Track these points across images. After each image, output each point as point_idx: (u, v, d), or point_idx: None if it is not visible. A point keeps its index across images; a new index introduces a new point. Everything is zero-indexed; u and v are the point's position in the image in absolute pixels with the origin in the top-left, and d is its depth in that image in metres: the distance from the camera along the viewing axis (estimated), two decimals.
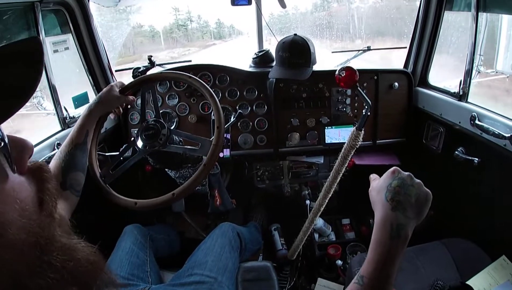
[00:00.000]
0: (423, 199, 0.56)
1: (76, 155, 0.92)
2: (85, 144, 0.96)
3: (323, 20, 2.55)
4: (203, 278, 1.00)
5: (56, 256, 0.35)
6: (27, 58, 0.35)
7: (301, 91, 1.61)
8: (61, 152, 0.91)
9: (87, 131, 0.98)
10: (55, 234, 0.37)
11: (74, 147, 0.93)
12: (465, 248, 1.18)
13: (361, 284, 0.54)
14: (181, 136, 1.07)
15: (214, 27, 3.49)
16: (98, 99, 1.03)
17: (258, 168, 1.81)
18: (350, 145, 1.16)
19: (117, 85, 1.09)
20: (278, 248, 1.74)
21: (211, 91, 1.04)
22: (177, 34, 3.33)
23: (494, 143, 1.16)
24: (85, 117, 0.99)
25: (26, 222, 0.34)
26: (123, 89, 1.10)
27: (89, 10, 1.47)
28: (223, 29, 3.50)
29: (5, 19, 1.17)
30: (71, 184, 0.88)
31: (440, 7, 1.48)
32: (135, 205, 0.96)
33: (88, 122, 0.99)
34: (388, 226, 0.54)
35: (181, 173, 1.35)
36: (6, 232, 0.32)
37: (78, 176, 0.91)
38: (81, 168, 0.93)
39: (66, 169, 0.88)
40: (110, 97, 1.06)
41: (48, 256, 0.35)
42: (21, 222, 0.33)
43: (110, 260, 1.09)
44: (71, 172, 0.89)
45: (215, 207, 1.45)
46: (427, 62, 1.61)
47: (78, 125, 0.97)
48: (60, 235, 0.37)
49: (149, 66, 1.58)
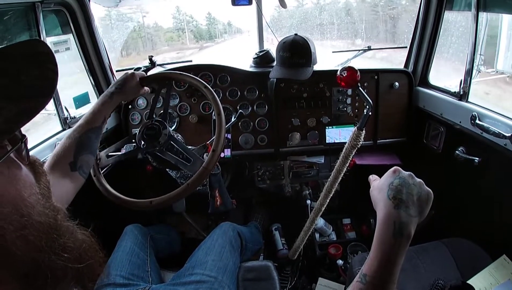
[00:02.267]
0: (425, 198, 0.57)
1: (91, 138, 0.91)
2: (100, 129, 0.95)
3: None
4: (203, 278, 1.01)
5: (68, 238, 0.39)
6: (41, 59, 0.38)
7: (302, 91, 1.61)
8: (75, 132, 0.90)
9: (104, 117, 0.96)
10: (58, 218, 0.40)
11: (90, 130, 0.91)
12: (465, 247, 1.18)
13: (364, 282, 0.54)
14: (178, 145, 1.07)
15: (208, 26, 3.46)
16: (120, 87, 1.02)
17: (259, 168, 1.81)
18: (351, 145, 1.16)
19: (138, 75, 1.08)
20: (279, 248, 1.74)
21: (220, 108, 1.02)
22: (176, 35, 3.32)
23: (494, 142, 1.16)
24: (105, 103, 0.97)
25: (43, 205, 0.38)
26: (143, 79, 1.09)
27: (90, 10, 1.47)
28: (214, 26, 3.46)
29: (6, 20, 1.17)
30: (81, 166, 0.87)
31: (441, 7, 1.48)
32: (116, 200, 0.98)
33: (107, 107, 0.97)
34: (391, 224, 0.54)
35: (182, 173, 1.35)
36: (31, 214, 0.35)
37: (89, 159, 0.90)
38: (93, 151, 0.92)
39: (79, 150, 0.87)
40: (131, 86, 1.05)
41: (62, 238, 0.39)
42: (39, 206, 0.37)
43: (111, 260, 1.09)
44: (84, 153, 0.88)
45: (216, 207, 1.45)
46: (428, 62, 1.61)
47: (95, 109, 0.95)
48: (61, 219, 0.41)
49: (150, 66, 1.59)
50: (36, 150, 1.17)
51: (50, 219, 0.38)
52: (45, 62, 0.38)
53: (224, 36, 3.52)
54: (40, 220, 0.36)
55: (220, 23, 3.46)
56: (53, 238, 0.37)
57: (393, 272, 0.53)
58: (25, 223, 0.34)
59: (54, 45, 1.39)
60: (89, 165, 0.91)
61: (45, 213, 0.37)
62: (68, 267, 0.38)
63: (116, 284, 0.99)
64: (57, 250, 0.37)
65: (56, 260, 0.37)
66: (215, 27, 3.41)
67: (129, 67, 1.67)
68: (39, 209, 0.37)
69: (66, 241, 0.39)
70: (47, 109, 1.67)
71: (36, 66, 0.37)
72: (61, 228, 0.40)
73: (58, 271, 0.37)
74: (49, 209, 0.39)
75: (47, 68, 0.38)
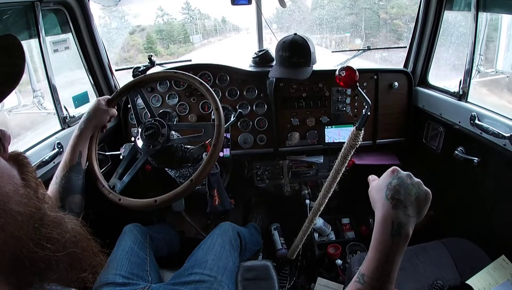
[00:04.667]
0: (423, 198, 0.57)
1: (72, 178, 0.94)
2: (79, 165, 0.98)
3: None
4: (203, 277, 1.01)
5: (52, 228, 0.40)
6: (10, 49, 0.41)
7: (301, 90, 1.61)
8: (57, 177, 0.93)
9: (80, 152, 0.99)
10: (44, 207, 0.41)
11: (69, 170, 0.94)
12: (464, 247, 1.18)
13: (362, 282, 0.54)
14: (181, 127, 1.08)
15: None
16: (88, 116, 1.04)
17: (258, 168, 1.81)
18: (350, 144, 1.16)
19: (104, 99, 1.11)
20: (278, 248, 1.74)
21: (197, 78, 1.06)
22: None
23: (493, 142, 1.16)
24: (77, 138, 1.00)
25: (21, 195, 0.38)
26: (109, 101, 1.12)
27: (89, 10, 1.47)
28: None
29: (5, 19, 1.17)
30: (70, 208, 0.90)
31: (440, 7, 1.48)
32: (118, 201, 0.98)
33: (80, 142, 1.00)
34: (389, 224, 0.54)
35: (181, 172, 1.35)
36: (8, 203, 0.36)
37: (76, 199, 0.93)
38: (78, 190, 0.95)
39: (64, 194, 0.91)
40: (99, 112, 1.07)
41: (45, 229, 0.39)
42: (17, 196, 0.38)
43: (110, 259, 1.09)
44: (69, 196, 0.91)
45: (214, 207, 1.45)
46: (427, 62, 1.61)
47: (71, 147, 0.99)
48: (48, 209, 0.42)
49: (149, 65, 1.59)
50: (35, 149, 1.16)
51: (31, 209, 0.38)
52: (14, 51, 0.41)
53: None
54: (18, 209, 0.37)
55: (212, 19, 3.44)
56: (34, 228, 0.38)
57: (391, 272, 0.53)
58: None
59: (53, 44, 1.38)
60: (77, 204, 0.93)
61: (23, 202, 0.38)
62: (52, 259, 0.38)
63: (116, 283, 0.99)
64: (40, 240, 0.38)
65: (38, 252, 0.37)
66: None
67: (129, 67, 1.67)
68: (17, 198, 0.37)
69: (50, 231, 0.39)
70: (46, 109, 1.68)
71: (6, 55, 0.40)
72: (46, 218, 0.40)
73: (40, 262, 0.37)
74: (31, 199, 0.39)
75: (16, 56, 0.41)
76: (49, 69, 1.29)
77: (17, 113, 1.74)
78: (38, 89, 1.69)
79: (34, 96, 1.70)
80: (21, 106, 1.73)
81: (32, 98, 1.70)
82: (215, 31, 3.53)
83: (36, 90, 1.68)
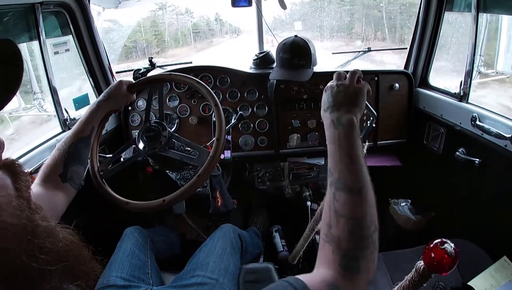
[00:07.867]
0: (353, 92, 0.63)
1: (80, 148, 0.92)
2: (89, 138, 0.96)
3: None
4: (204, 280, 1.00)
5: (45, 238, 0.39)
6: (8, 58, 0.40)
7: (302, 92, 1.61)
8: (65, 143, 0.91)
9: (93, 127, 0.98)
10: (36, 218, 0.40)
11: (78, 140, 0.93)
12: (466, 249, 1.17)
13: (330, 175, 0.56)
14: (180, 142, 1.07)
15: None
16: (107, 96, 1.03)
17: (259, 170, 1.80)
18: None
19: (126, 83, 1.09)
20: (279, 250, 1.73)
21: (216, 99, 1.02)
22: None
23: (495, 143, 1.16)
24: (93, 112, 0.99)
25: (14, 207, 0.38)
26: (130, 86, 1.10)
27: (89, 12, 1.47)
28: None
29: (5, 21, 1.17)
30: (72, 177, 0.88)
31: (441, 8, 1.48)
32: (126, 205, 0.96)
33: (94, 117, 0.99)
34: (331, 124, 0.60)
35: (182, 174, 1.35)
36: (0, 216, 0.35)
37: (79, 169, 0.91)
38: (83, 161, 0.93)
39: (69, 161, 0.88)
40: (119, 94, 1.06)
41: (38, 240, 0.38)
42: (10, 208, 0.37)
43: (111, 262, 1.09)
44: (73, 164, 0.89)
45: (217, 208, 1.45)
46: (428, 63, 1.61)
47: (84, 119, 0.97)
48: (40, 219, 0.41)
49: (149, 67, 1.59)
50: (36, 152, 1.16)
51: (24, 221, 0.38)
52: (12, 60, 0.40)
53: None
54: (11, 222, 0.36)
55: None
56: (27, 240, 0.37)
57: (350, 154, 0.54)
58: None
59: (53, 47, 1.38)
60: (80, 175, 0.91)
61: (16, 214, 0.37)
62: (45, 269, 0.38)
63: (117, 285, 0.99)
64: (33, 251, 0.37)
65: (30, 263, 0.36)
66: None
67: (130, 69, 1.67)
68: (10, 210, 0.37)
69: (42, 241, 0.39)
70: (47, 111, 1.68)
71: (3, 67, 0.39)
72: (38, 229, 0.39)
73: (34, 273, 0.37)
74: (23, 211, 0.38)
75: (14, 65, 0.40)
76: (49, 71, 1.29)
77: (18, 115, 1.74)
78: (39, 91, 1.68)
79: (34, 99, 1.69)
80: (22, 108, 1.73)
81: (33, 100, 1.70)
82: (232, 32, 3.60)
83: (36, 92, 1.68)
